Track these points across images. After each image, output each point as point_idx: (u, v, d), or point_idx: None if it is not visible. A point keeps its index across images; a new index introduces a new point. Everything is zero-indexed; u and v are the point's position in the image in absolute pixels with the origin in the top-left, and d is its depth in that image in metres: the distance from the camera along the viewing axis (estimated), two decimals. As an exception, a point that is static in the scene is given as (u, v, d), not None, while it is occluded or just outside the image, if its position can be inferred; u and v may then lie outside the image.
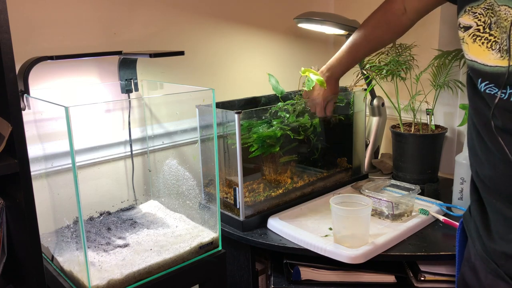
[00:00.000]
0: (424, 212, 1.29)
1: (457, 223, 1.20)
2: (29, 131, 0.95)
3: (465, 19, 0.86)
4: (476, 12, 0.84)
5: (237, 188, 1.26)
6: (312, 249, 1.15)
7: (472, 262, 0.92)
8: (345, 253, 1.09)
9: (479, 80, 0.84)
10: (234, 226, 1.28)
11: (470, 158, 0.94)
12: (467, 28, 0.86)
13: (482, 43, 0.83)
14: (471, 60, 0.86)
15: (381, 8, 1.26)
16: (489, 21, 0.82)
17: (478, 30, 0.84)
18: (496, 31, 0.81)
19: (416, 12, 1.20)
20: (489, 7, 0.82)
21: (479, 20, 0.84)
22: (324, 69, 1.38)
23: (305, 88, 1.56)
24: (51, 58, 1.11)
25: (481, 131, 0.86)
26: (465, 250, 0.99)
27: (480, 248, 0.89)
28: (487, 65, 0.82)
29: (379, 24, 1.26)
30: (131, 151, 1.38)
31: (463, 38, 0.87)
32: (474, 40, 0.84)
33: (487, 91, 0.83)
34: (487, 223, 0.89)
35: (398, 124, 1.60)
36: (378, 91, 1.66)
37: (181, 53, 1.21)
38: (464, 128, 1.44)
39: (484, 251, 0.88)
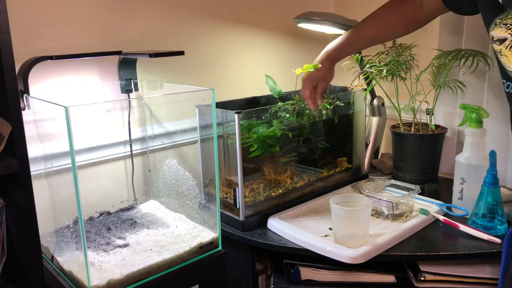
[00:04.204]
0: (424, 212, 1.29)
1: (458, 223, 1.21)
2: (29, 131, 0.95)
3: (498, 32, 0.85)
4: (507, 23, 0.83)
5: (237, 188, 1.26)
6: (312, 249, 1.15)
7: None
8: (345, 253, 1.09)
9: None
10: (234, 226, 1.28)
11: None
12: (502, 40, 0.85)
13: None
14: None
15: None
16: None
17: None
18: None
19: (430, 10, 1.19)
20: None
21: None
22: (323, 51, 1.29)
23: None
24: (51, 58, 1.11)
25: None
26: (509, 268, 0.93)
27: None
28: None
29: (393, 9, 1.24)
30: (131, 151, 1.38)
31: (500, 51, 0.86)
32: None
33: None
34: None
35: (398, 124, 1.60)
36: (378, 91, 1.66)
37: (181, 53, 1.21)
38: (463, 128, 1.44)
39: None
